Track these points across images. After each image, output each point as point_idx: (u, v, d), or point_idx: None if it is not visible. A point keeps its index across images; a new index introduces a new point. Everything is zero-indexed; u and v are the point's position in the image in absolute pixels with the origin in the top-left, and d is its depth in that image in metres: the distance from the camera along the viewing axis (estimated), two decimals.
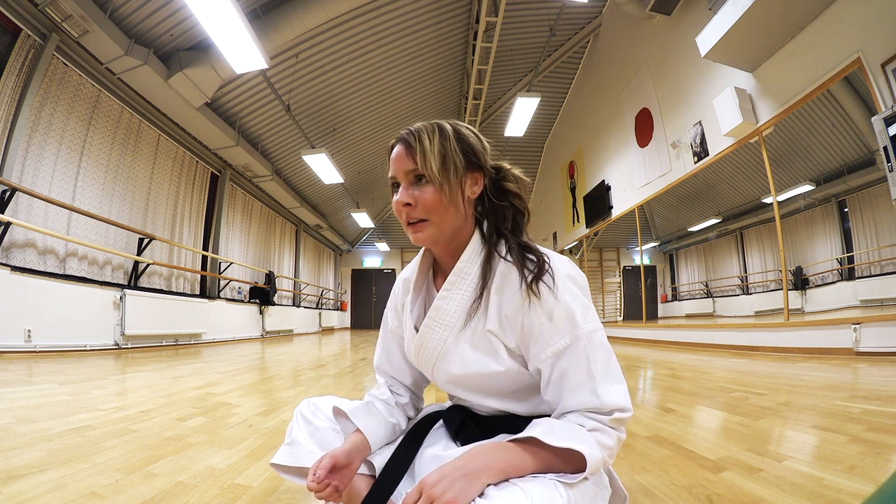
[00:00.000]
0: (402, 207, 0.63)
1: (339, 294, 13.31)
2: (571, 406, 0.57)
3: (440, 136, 0.63)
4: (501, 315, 0.61)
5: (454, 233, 0.65)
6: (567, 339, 0.57)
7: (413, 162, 0.62)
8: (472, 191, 0.65)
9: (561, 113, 8.97)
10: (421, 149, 0.62)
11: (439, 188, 0.61)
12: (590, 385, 0.56)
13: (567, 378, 0.57)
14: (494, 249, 0.64)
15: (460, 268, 0.64)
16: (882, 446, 1.08)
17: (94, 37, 3.81)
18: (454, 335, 0.64)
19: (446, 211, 0.62)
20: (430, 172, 0.61)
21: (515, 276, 0.60)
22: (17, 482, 0.88)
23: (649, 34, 5.48)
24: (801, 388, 1.97)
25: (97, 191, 4.35)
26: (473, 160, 0.65)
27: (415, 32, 6.05)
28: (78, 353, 3.65)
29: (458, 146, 0.63)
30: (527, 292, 0.58)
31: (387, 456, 0.65)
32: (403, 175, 0.63)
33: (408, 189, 0.63)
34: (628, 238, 8.14)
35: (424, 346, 0.66)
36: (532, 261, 0.60)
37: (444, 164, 0.61)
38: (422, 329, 0.66)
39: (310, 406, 0.71)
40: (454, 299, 0.64)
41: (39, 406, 1.62)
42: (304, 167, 7.48)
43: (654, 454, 1.10)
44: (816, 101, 3.48)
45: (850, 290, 4.80)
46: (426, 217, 0.62)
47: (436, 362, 0.66)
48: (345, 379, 2.72)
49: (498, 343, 0.61)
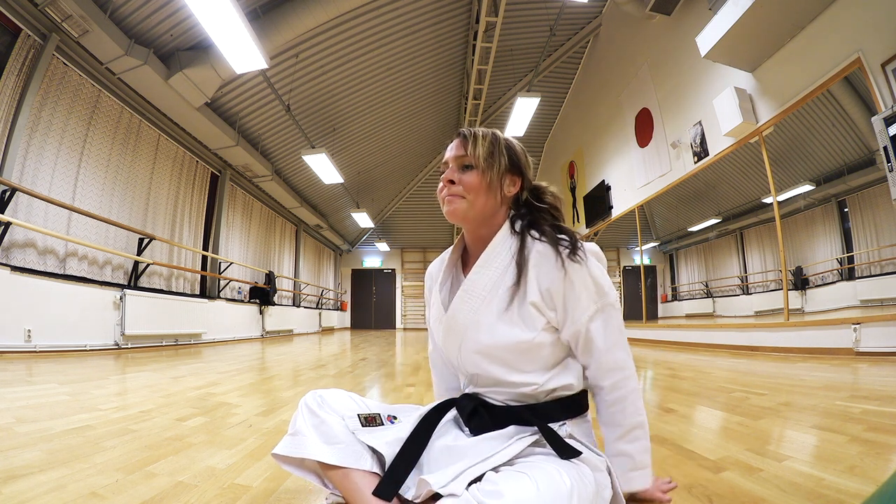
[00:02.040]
0: (446, 183, 0.74)
1: (339, 294, 13.31)
2: (609, 364, 0.69)
3: (493, 136, 0.75)
4: (542, 289, 0.67)
5: (484, 217, 0.74)
6: (600, 303, 0.68)
7: (464, 150, 0.73)
8: (509, 189, 0.75)
9: (561, 113, 8.97)
10: (474, 140, 0.73)
11: (482, 173, 0.72)
12: (622, 343, 0.70)
13: (602, 338, 0.68)
14: (528, 235, 0.72)
15: (490, 251, 0.72)
16: (882, 446, 1.08)
17: (94, 37, 3.81)
18: (486, 306, 0.69)
19: (482, 194, 0.72)
20: (477, 160, 0.72)
21: (551, 252, 0.67)
22: (17, 482, 0.88)
23: (649, 34, 5.48)
24: (801, 388, 1.97)
25: (97, 191, 4.35)
26: (515, 164, 0.76)
27: (415, 32, 6.04)
28: (78, 353, 3.65)
29: (506, 150, 0.75)
30: (562, 264, 0.66)
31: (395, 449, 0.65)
32: (454, 159, 0.74)
33: (454, 171, 0.74)
34: (628, 238, 8.13)
35: (455, 318, 0.72)
36: (565, 239, 0.68)
37: (490, 156, 0.72)
38: (454, 301, 0.73)
39: (316, 398, 0.71)
40: (486, 274, 0.71)
41: (39, 406, 1.62)
42: (304, 167, 7.48)
43: (655, 454, 1.09)
44: (816, 101, 3.48)
45: (850, 290, 4.79)
46: (464, 194, 0.72)
47: (465, 332, 0.71)
48: (345, 379, 2.72)
49: (537, 315, 0.68)
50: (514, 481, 0.51)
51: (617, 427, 0.70)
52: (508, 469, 0.57)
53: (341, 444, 0.65)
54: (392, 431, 0.69)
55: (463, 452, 0.62)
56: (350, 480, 0.62)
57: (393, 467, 0.62)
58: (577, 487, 0.54)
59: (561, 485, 0.52)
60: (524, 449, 0.62)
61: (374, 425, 0.69)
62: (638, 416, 0.70)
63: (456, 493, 0.51)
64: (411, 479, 0.61)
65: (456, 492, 0.51)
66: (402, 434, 0.67)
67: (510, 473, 0.54)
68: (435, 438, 0.68)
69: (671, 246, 8.19)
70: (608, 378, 0.70)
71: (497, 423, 0.67)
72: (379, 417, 0.71)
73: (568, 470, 0.56)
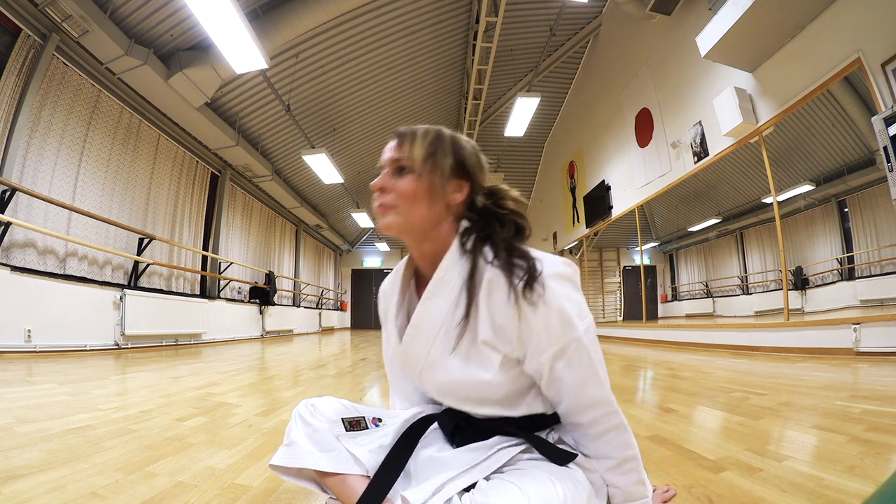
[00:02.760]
0: (376, 190, 0.64)
1: (339, 294, 13.31)
2: (583, 402, 0.61)
3: (435, 134, 0.64)
4: (495, 324, 0.58)
5: (424, 230, 0.63)
6: (564, 340, 0.57)
7: (399, 151, 0.63)
8: (454, 196, 0.64)
9: (561, 113, 8.97)
10: (411, 140, 0.63)
11: (416, 178, 0.61)
12: (595, 379, 0.60)
13: (570, 376, 0.59)
14: (480, 256, 0.60)
15: (439, 276, 0.62)
16: (882, 446, 1.08)
17: (94, 37, 3.81)
18: (439, 346, 0.62)
19: (417, 203, 0.61)
20: (413, 161, 0.62)
21: (503, 282, 0.57)
22: (17, 482, 0.88)
23: (649, 34, 5.48)
24: (801, 388, 1.97)
25: (97, 191, 4.34)
26: (463, 166, 0.64)
27: (415, 32, 6.04)
28: (78, 353, 3.65)
29: (451, 149, 0.64)
30: (516, 303, 0.56)
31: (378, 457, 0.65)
32: (389, 162, 0.65)
33: (387, 176, 0.64)
34: (628, 238, 8.14)
35: (408, 355, 0.66)
36: (521, 266, 0.57)
37: (430, 157, 0.62)
38: (405, 339, 0.65)
39: (308, 407, 0.71)
40: (435, 308, 0.62)
41: (39, 406, 1.62)
42: (304, 167, 7.48)
43: (654, 454, 1.10)
44: (816, 101, 3.48)
45: (850, 290, 4.80)
46: (396, 204, 0.62)
47: (421, 371, 0.65)
48: (345, 379, 2.72)
49: (491, 352, 0.60)
50: (505, 493, 0.51)
51: (605, 459, 0.63)
52: (500, 478, 0.56)
53: (335, 450, 0.65)
54: (376, 438, 0.68)
55: (447, 464, 0.62)
56: (346, 485, 0.62)
57: (376, 479, 0.61)
58: (571, 496, 0.53)
59: (553, 496, 0.52)
60: (513, 457, 0.61)
61: (359, 429, 0.69)
62: (627, 451, 0.63)
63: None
64: (395, 491, 0.61)
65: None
66: (386, 441, 0.67)
67: (502, 484, 0.54)
68: (421, 448, 0.67)
69: (671, 246, 8.19)
70: (585, 415, 0.62)
71: (481, 435, 0.66)
72: (364, 421, 0.70)
73: (561, 478, 0.55)
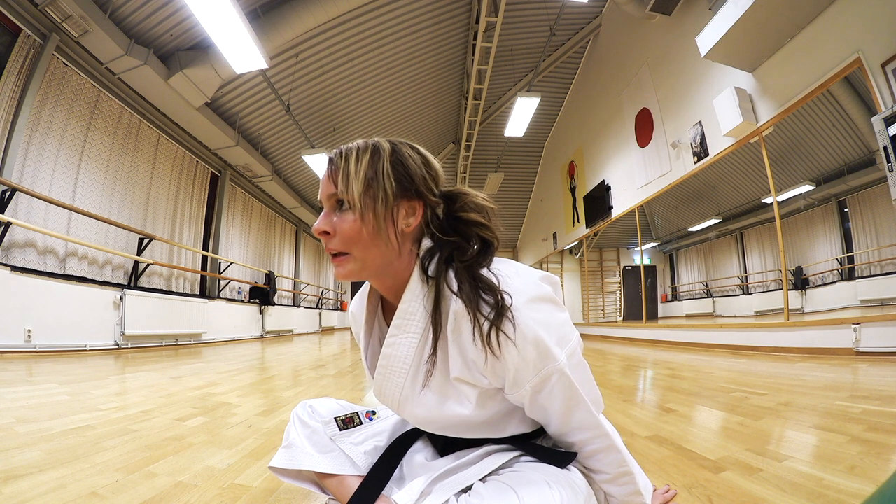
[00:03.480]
0: (319, 235, 0.56)
1: (339, 294, 13.31)
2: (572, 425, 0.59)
3: (371, 156, 0.55)
4: (466, 359, 0.54)
5: (383, 269, 0.57)
6: (544, 373, 0.53)
7: (334, 185, 0.55)
8: (407, 222, 0.56)
9: (561, 113, 8.97)
10: (345, 170, 0.54)
11: (360, 217, 0.53)
12: (580, 405, 0.56)
13: (553, 405, 0.56)
14: (445, 284, 0.54)
15: (403, 309, 0.57)
16: (882, 446, 1.08)
17: (94, 37, 3.81)
18: (410, 382, 0.58)
19: (371, 244, 0.54)
20: (351, 197, 0.53)
21: (469, 319, 0.52)
22: (17, 482, 0.88)
23: (649, 34, 5.48)
24: (801, 388, 1.97)
25: (97, 191, 4.35)
26: (409, 187, 0.56)
27: (415, 32, 6.05)
28: (78, 353, 3.65)
29: (392, 170, 0.55)
30: (483, 347, 0.51)
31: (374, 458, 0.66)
32: (326, 199, 0.56)
33: (327, 215, 0.56)
34: (628, 238, 8.14)
35: (383, 391, 0.61)
36: (487, 302, 0.51)
37: (369, 188, 0.53)
38: (376, 376, 0.61)
39: (306, 408, 0.71)
40: (403, 345, 0.57)
41: (39, 406, 1.62)
42: (304, 167, 7.48)
43: (654, 454, 1.10)
44: (816, 101, 3.48)
45: (850, 290, 4.80)
46: (346, 250, 0.54)
47: (399, 405, 0.61)
48: (345, 379, 2.72)
49: (466, 388, 0.56)
50: (500, 497, 0.51)
51: (601, 473, 0.61)
52: (496, 480, 0.56)
53: (334, 451, 0.65)
54: (371, 438, 0.68)
55: (436, 468, 0.62)
56: (345, 486, 0.62)
57: (368, 479, 0.61)
58: (568, 500, 0.52)
59: (549, 500, 0.51)
60: (509, 460, 0.61)
61: (353, 426, 0.69)
62: (620, 468, 0.60)
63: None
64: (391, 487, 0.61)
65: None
66: (381, 443, 0.67)
67: (498, 487, 0.53)
68: (414, 452, 0.67)
69: (671, 246, 8.19)
70: (574, 436, 0.60)
71: (472, 443, 0.65)
72: (357, 416, 0.70)
73: (559, 482, 0.55)
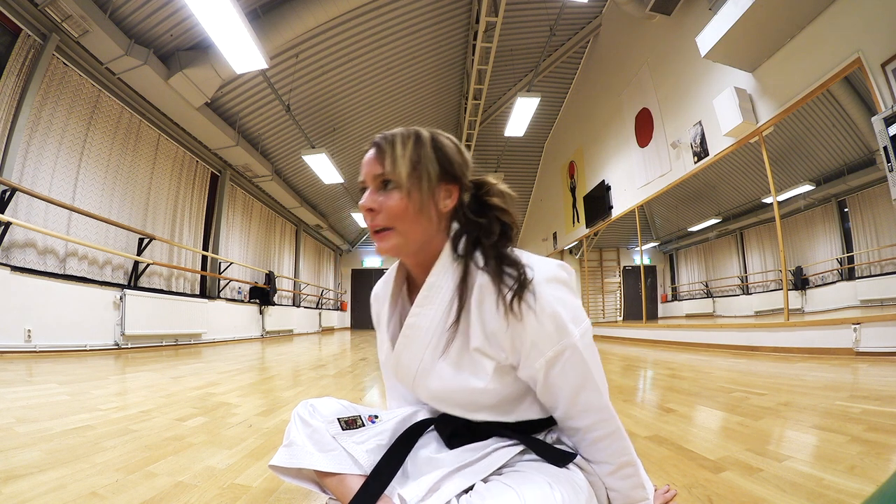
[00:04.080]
0: (365, 212, 0.60)
1: (339, 294, 13.31)
2: (579, 407, 0.60)
3: (415, 142, 0.60)
4: (486, 331, 0.58)
5: (421, 245, 0.62)
6: (559, 346, 0.56)
7: (381, 166, 0.60)
8: (445, 203, 0.61)
9: (561, 113, 8.97)
10: (391, 153, 0.59)
11: (406, 195, 0.58)
12: (591, 384, 0.59)
13: (565, 382, 0.58)
14: (471, 261, 0.60)
15: (431, 282, 0.61)
16: (882, 446, 1.08)
17: (94, 37, 3.81)
18: (430, 353, 0.61)
19: (414, 221, 0.59)
20: (398, 177, 0.58)
21: (493, 290, 0.56)
22: (17, 482, 0.88)
23: (649, 34, 5.48)
24: (801, 388, 1.97)
25: (97, 191, 4.35)
26: (449, 171, 0.61)
27: (415, 32, 6.05)
28: (78, 353, 3.65)
29: (434, 155, 0.61)
30: (506, 314, 0.55)
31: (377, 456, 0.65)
32: (371, 179, 0.61)
33: (373, 194, 0.60)
34: (628, 238, 8.14)
35: (401, 363, 0.65)
36: (511, 275, 0.56)
37: (415, 170, 0.59)
38: (397, 346, 0.65)
39: (307, 407, 0.71)
40: (427, 315, 0.61)
41: (39, 406, 1.62)
42: (304, 167, 7.48)
43: (654, 454, 1.10)
44: (816, 101, 3.48)
45: (850, 290, 4.80)
46: (391, 225, 0.59)
47: (414, 378, 0.64)
48: (345, 379, 2.72)
49: (484, 359, 0.59)
50: (501, 497, 0.51)
51: (604, 464, 0.62)
52: (498, 480, 0.56)
53: (335, 450, 0.65)
54: (373, 437, 0.68)
55: (442, 463, 0.62)
56: (345, 485, 0.62)
57: (373, 477, 0.61)
58: (569, 500, 0.53)
59: (551, 500, 0.51)
60: (512, 458, 0.61)
61: (355, 427, 0.69)
62: (623, 457, 0.62)
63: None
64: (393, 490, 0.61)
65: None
66: (383, 441, 0.67)
67: (499, 487, 0.53)
68: (418, 448, 0.68)
69: (671, 246, 8.19)
70: (581, 420, 0.61)
71: (477, 437, 0.66)
72: (360, 419, 0.70)
73: (560, 482, 0.55)
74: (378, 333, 0.75)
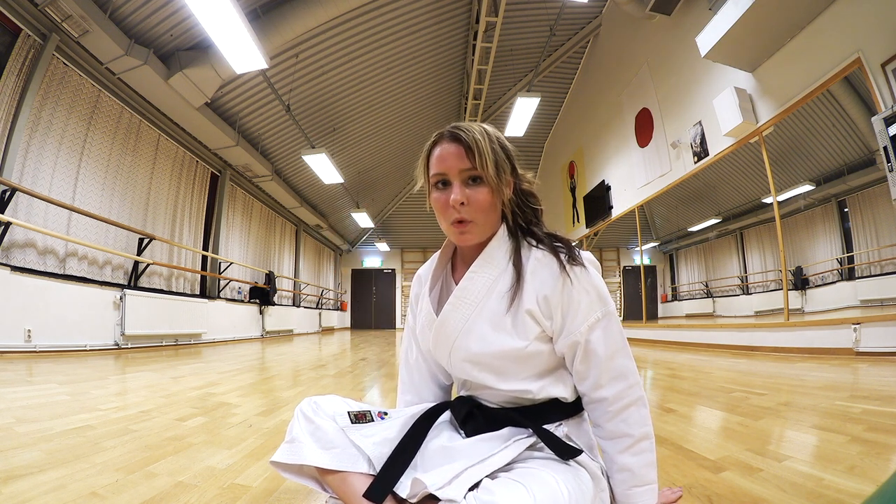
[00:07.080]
0: (458, 206, 0.64)
1: (339, 294, 13.31)
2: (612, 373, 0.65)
3: (489, 139, 0.66)
4: (539, 297, 0.64)
5: (490, 232, 0.69)
6: (600, 312, 0.64)
7: (470, 162, 0.64)
8: (506, 193, 0.68)
9: (561, 113, 8.97)
10: (479, 150, 0.64)
11: (492, 191, 0.65)
12: (624, 349, 0.66)
13: (604, 346, 0.64)
14: (524, 240, 0.69)
15: (488, 253, 0.68)
16: (882, 446, 1.08)
17: (94, 37, 3.81)
18: (477, 313, 0.67)
19: (492, 212, 0.67)
20: (488, 175, 0.64)
21: (550, 260, 0.65)
22: (17, 482, 0.88)
23: (649, 34, 5.48)
24: (801, 388, 1.97)
25: (97, 191, 4.34)
26: (514, 167, 0.70)
27: (415, 32, 6.04)
28: (78, 353, 3.65)
29: (504, 153, 0.67)
30: (563, 274, 0.63)
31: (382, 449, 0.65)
32: (457, 173, 0.65)
33: (462, 187, 0.65)
34: (628, 238, 8.14)
35: (445, 324, 0.69)
36: (562, 248, 0.66)
37: (497, 167, 0.65)
38: (446, 307, 0.69)
39: (311, 404, 0.71)
40: (480, 280, 0.68)
41: (39, 406, 1.62)
42: (304, 167, 7.48)
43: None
44: (816, 101, 3.48)
45: (850, 290, 4.79)
46: (474, 218, 0.65)
47: (455, 340, 0.68)
48: (345, 379, 2.72)
49: (532, 324, 0.65)
50: (510, 492, 0.51)
51: (621, 438, 0.64)
52: (505, 476, 0.57)
53: (337, 448, 0.65)
54: (381, 430, 0.68)
55: (459, 453, 0.62)
56: (347, 484, 0.62)
57: (385, 469, 0.62)
58: (576, 496, 0.54)
59: (558, 495, 0.52)
60: (522, 452, 0.62)
61: (364, 422, 0.69)
62: (644, 427, 0.65)
63: (455, 500, 0.51)
64: (406, 476, 0.61)
65: (455, 497, 0.51)
66: (391, 434, 0.67)
67: (507, 483, 0.54)
68: (430, 439, 0.68)
69: (671, 246, 8.19)
70: (611, 388, 0.64)
71: (492, 425, 0.67)
72: (369, 414, 0.71)
73: (566, 478, 0.56)
74: (411, 313, 0.82)
